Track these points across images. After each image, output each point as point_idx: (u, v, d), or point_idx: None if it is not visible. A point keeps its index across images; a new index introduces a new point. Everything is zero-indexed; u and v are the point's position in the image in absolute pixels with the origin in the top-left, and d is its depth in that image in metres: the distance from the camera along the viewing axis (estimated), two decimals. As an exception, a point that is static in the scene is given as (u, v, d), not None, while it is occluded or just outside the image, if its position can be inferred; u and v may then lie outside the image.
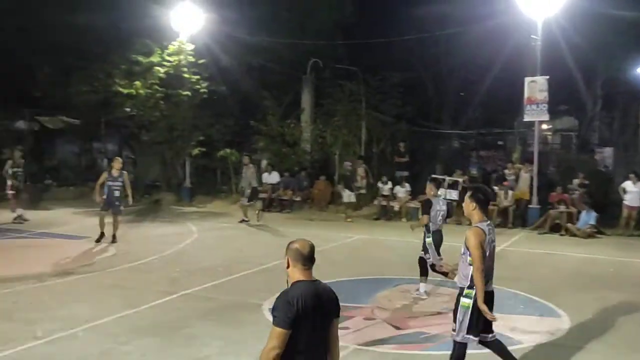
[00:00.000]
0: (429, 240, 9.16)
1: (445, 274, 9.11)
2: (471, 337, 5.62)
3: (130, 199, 13.52)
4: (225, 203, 20.28)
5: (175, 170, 21.77)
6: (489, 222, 5.71)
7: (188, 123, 20.62)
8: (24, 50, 26.05)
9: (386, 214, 18.22)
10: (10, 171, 16.24)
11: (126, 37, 21.86)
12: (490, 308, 5.56)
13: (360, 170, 19.14)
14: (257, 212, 16.72)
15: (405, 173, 19.93)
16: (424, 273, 9.22)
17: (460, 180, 17.91)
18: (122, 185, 13.35)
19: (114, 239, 13.25)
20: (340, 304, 4.01)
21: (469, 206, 5.69)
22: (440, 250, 9.28)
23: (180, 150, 20.92)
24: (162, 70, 20.26)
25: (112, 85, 20.50)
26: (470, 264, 5.53)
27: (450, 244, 9.14)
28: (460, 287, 5.67)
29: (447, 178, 17.98)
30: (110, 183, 13.28)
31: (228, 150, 20.42)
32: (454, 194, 17.63)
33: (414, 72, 23.61)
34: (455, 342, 5.69)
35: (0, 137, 23.18)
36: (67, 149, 26.83)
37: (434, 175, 14.70)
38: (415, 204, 18.04)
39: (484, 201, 5.73)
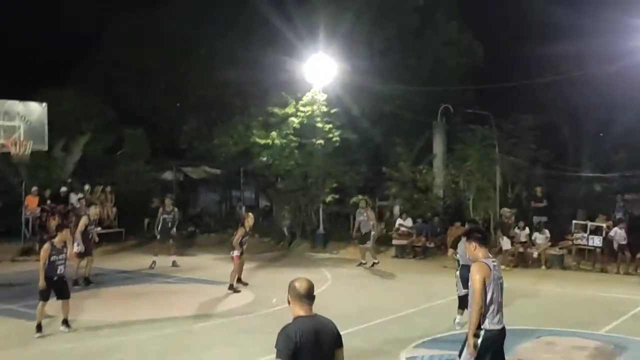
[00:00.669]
0: (457, 273, 10.07)
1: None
2: None
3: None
4: (358, 250, 20.40)
5: (309, 217, 22.30)
6: (493, 259, 5.87)
7: (321, 171, 21.17)
8: (171, 106, 28.23)
9: (524, 261, 17.53)
10: (160, 218, 17.46)
11: (263, 91, 23.09)
12: (502, 344, 5.77)
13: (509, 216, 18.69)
14: (368, 254, 16.77)
15: (544, 218, 19.14)
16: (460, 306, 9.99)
17: (604, 225, 16.93)
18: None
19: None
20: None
21: (470, 247, 5.97)
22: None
23: (314, 197, 21.45)
24: (296, 120, 21.07)
25: (250, 136, 21.59)
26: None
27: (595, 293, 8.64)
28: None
29: (590, 223, 17.06)
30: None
31: (360, 197, 20.62)
32: (596, 240, 16.69)
33: (548, 114, 22.83)
34: None
35: (149, 187, 24.95)
36: (208, 197, 28.33)
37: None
38: (555, 251, 17.26)
39: (482, 239, 5.96)
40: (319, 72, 20.77)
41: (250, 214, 15.37)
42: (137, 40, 28.76)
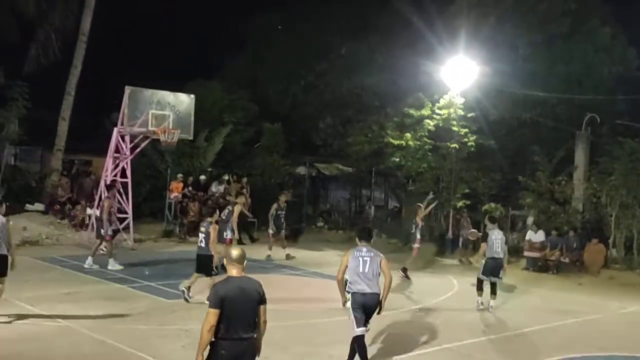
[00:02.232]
0: (483, 262, 12.33)
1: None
2: None
3: None
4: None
5: (438, 221, 22.01)
6: None
7: (454, 175, 20.82)
8: (309, 103, 28.96)
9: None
10: (274, 213, 18.07)
11: (400, 92, 23.09)
12: None
13: None
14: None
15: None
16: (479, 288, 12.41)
17: None
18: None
19: None
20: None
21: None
22: None
23: (444, 202, 21.15)
24: (431, 123, 20.90)
25: (384, 136, 21.67)
26: None
27: None
28: None
29: None
30: None
31: (493, 205, 20.09)
32: None
33: None
34: None
35: (283, 180, 25.72)
36: (339, 194, 28.75)
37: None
38: None
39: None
40: (458, 75, 20.42)
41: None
42: (280, 39, 29.77)
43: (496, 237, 12.25)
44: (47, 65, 22.61)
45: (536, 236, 18.87)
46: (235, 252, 5.77)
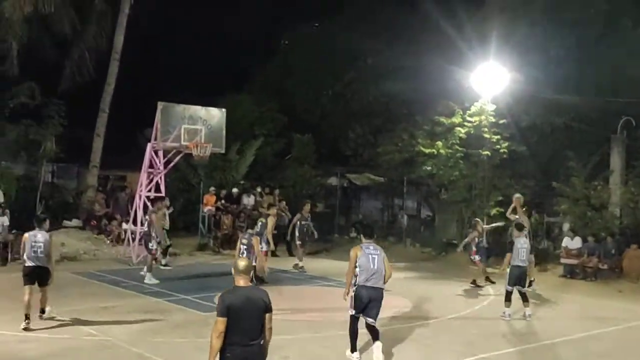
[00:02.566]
0: (508, 270, 12.16)
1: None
2: None
3: None
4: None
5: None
6: None
7: (487, 183, 20.62)
8: (338, 113, 29.00)
9: None
10: (298, 224, 18.16)
11: (430, 100, 22.96)
12: None
13: None
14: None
15: None
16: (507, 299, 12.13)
17: None
18: None
19: None
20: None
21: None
22: None
23: (477, 210, 20.93)
24: (463, 130, 20.74)
25: (415, 145, 21.58)
26: None
27: None
28: None
29: None
30: None
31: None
32: None
33: None
34: None
35: (314, 191, 25.76)
36: (370, 204, 28.67)
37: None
38: None
39: None
40: (489, 81, 20.26)
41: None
42: (308, 50, 29.93)
43: (522, 246, 12.17)
44: (81, 83, 23.11)
45: (573, 243, 18.58)
46: (242, 263, 6.04)
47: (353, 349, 8.97)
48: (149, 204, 17.63)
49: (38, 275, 10.41)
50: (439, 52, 24.73)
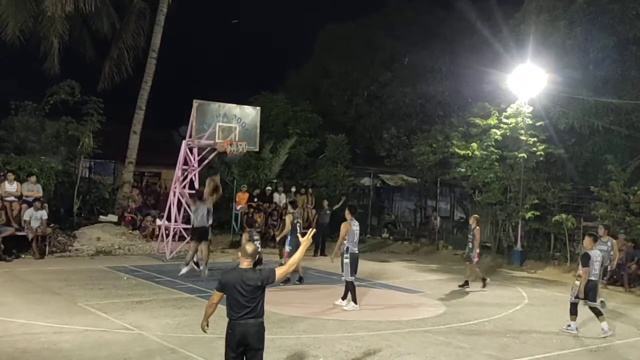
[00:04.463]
0: (577, 283, 11.17)
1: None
2: None
3: None
4: (558, 271, 19.26)
5: (506, 232, 21.52)
6: None
7: (522, 185, 20.34)
8: (373, 114, 28.93)
9: None
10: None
11: (465, 101, 22.77)
12: None
13: None
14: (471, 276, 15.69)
15: None
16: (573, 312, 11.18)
17: None
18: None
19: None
20: None
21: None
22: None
23: (512, 213, 20.67)
24: (498, 132, 20.51)
25: (450, 146, 21.40)
26: None
27: None
28: None
29: None
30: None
31: (564, 216, 19.46)
32: None
33: None
34: None
35: (347, 191, 25.71)
36: (403, 205, 28.50)
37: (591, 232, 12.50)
38: None
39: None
40: (526, 83, 19.98)
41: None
42: (343, 51, 29.92)
43: (597, 259, 11.15)
44: (119, 81, 23.46)
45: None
46: (249, 247, 6.54)
47: (356, 301, 12.22)
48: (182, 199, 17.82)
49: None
50: (475, 54, 24.52)
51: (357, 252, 12.34)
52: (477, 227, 15.72)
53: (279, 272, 6.56)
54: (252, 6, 32.92)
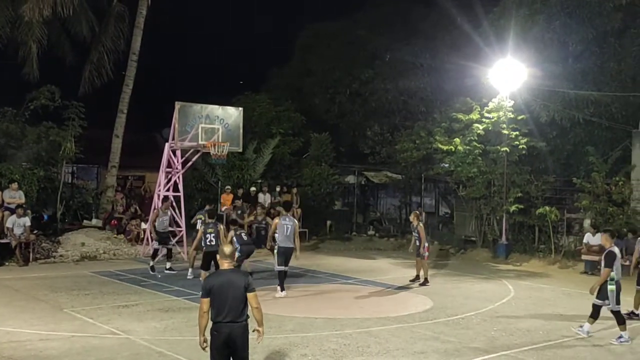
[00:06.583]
0: (612, 287, 10.18)
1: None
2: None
3: None
4: (543, 263, 19.43)
5: (491, 226, 21.65)
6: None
7: (506, 179, 20.47)
8: (357, 113, 28.97)
9: None
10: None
11: (447, 97, 22.86)
12: None
13: None
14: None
15: None
16: (594, 316, 10.30)
17: None
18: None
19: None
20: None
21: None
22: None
23: (497, 206, 20.80)
24: (481, 127, 20.62)
25: (433, 142, 21.50)
26: None
27: None
28: None
29: None
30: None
31: (547, 208, 19.62)
32: None
33: None
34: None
35: (332, 190, 25.75)
36: (388, 202, 28.59)
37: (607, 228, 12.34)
38: None
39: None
40: (507, 77, 20.11)
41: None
42: (325, 49, 29.92)
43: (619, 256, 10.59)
44: (100, 85, 23.29)
45: (594, 239, 18.32)
46: (227, 249, 6.69)
47: (283, 289, 13.33)
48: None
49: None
50: (456, 49, 24.63)
51: (287, 246, 13.28)
52: (420, 224, 15.54)
53: (258, 305, 6.60)
54: (232, 7, 32.85)
